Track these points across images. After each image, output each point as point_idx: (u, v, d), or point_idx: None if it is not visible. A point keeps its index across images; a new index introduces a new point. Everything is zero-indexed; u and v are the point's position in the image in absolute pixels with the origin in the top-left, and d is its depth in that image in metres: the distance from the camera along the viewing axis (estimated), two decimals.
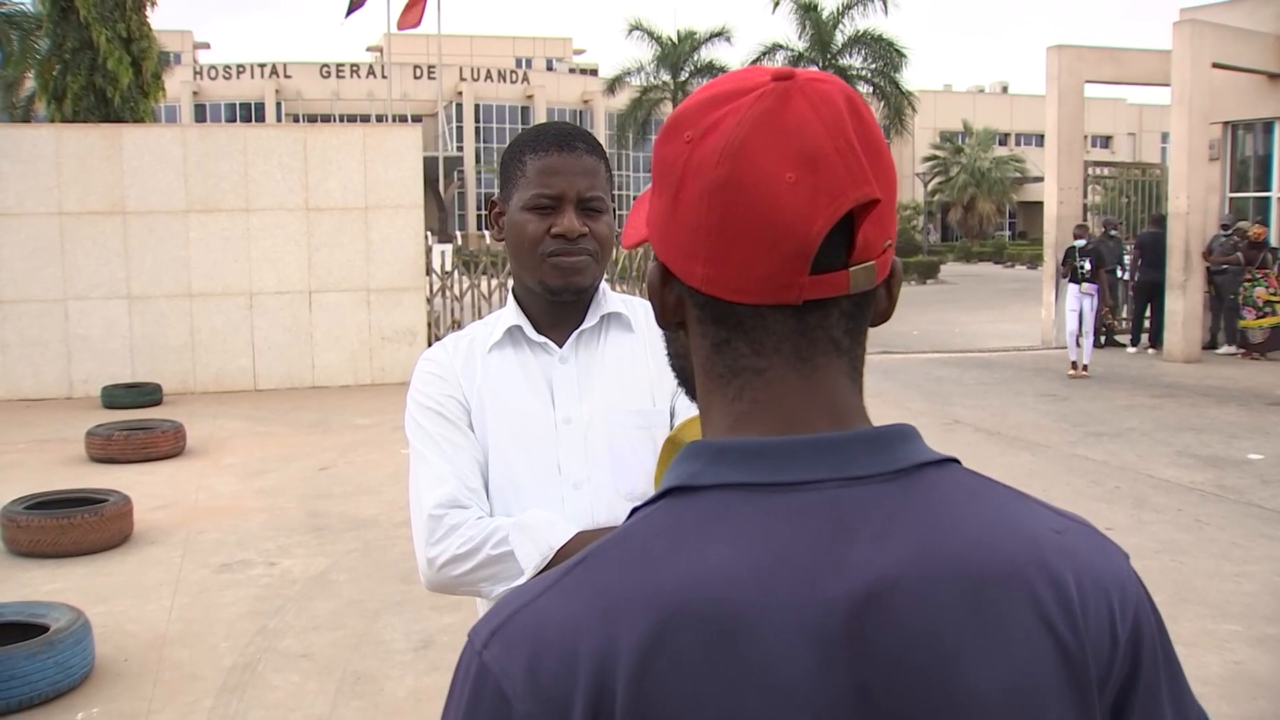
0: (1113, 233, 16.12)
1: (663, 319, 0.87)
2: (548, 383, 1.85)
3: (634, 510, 0.81)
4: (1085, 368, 13.12)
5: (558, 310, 1.86)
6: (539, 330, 1.87)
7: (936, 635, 0.74)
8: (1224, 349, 14.98)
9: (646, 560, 0.76)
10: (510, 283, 2.03)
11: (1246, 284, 14.47)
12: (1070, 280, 13.45)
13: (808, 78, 0.80)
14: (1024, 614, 0.76)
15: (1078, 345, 13.18)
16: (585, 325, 1.87)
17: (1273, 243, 15.48)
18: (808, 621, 0.73)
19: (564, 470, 1.81)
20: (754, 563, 0.74)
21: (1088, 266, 13.13)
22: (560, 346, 1.87)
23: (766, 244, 0.76)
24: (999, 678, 0.75)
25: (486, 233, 43.68)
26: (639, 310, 1.93)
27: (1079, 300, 13.21)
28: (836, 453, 0.79)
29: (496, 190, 1.91)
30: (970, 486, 0.82)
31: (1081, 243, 13.38)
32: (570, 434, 1.82)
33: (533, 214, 1.78)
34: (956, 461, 0.83)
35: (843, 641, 0.73)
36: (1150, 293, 15.52)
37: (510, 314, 1.88)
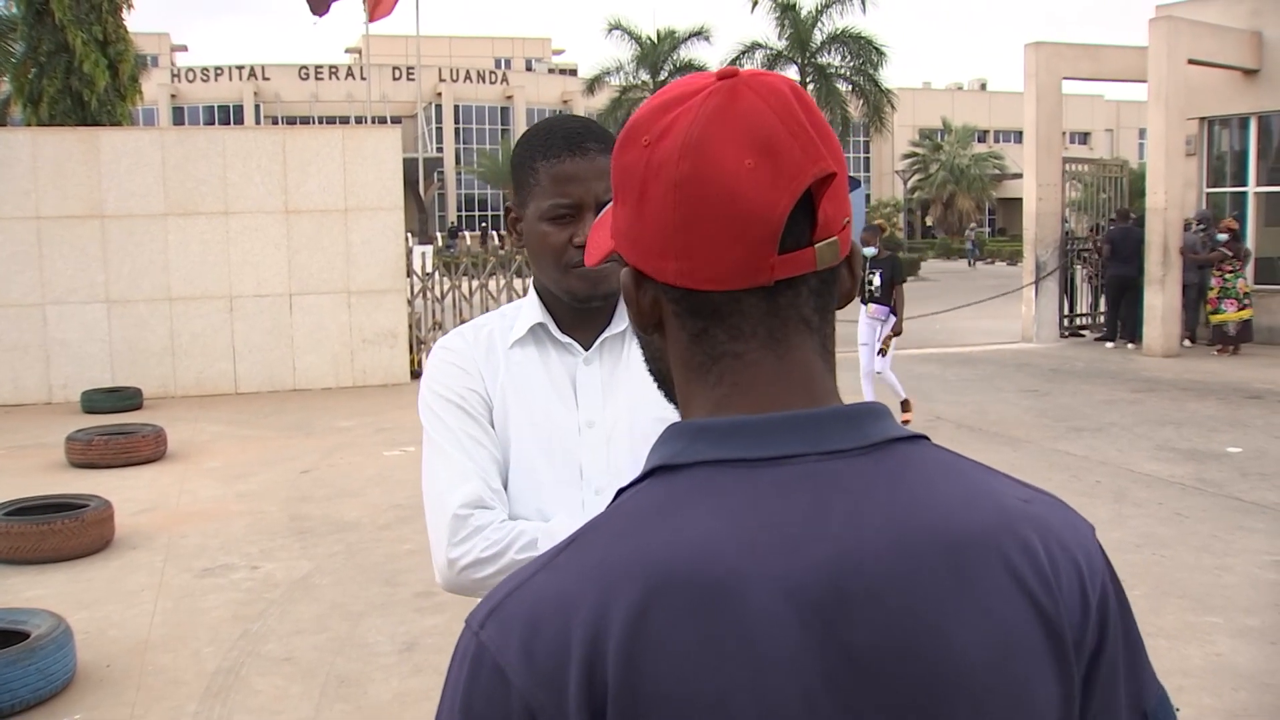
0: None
1: (640, 323, 0.89)
2: (571, 384, 1.80)
3: (620, 490, 0.84)
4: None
5: (584, 312, 1.81)
6: (563, 329, 1.81)
7: (917, 598, 0.77)
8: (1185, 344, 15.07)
9: (634, 534, 0.78)
10: (494, 282, 1.93)
11: (1229, 275, 14.54)
12: (860, 300, 9.75)
13: (751, 73, 0.84)
14: (999, 576, 0.79)
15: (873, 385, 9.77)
16: (612, 331, 1.82)
17: (1249, 236, 15.62)
18: (792, 588, 0.75)
19: (586, 475, 1.76)
20: (738, 533, 0.77)
21: (876, 282, 9.65)
22: (585, 349, 1.81)
23: (734, 230, 0.79)
24: (979, 638, 0.77)
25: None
26: None
27: (870, 329, 9.70)
28: (812, 429, 0.82)
29: (511, 194, 1.84)
30: (941, 460, 0.85)
31: (871, 251, 9.68)
32: (593, 438, 1.77)
33: (552, 224, 1.72)
34: (926, 438, 0.86)
35: (827, 607, 0.75)
36: (1121, 287, 15.65)
37: (534, 310, 1.82)
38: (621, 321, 1.83)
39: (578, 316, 1.81)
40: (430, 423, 1.78)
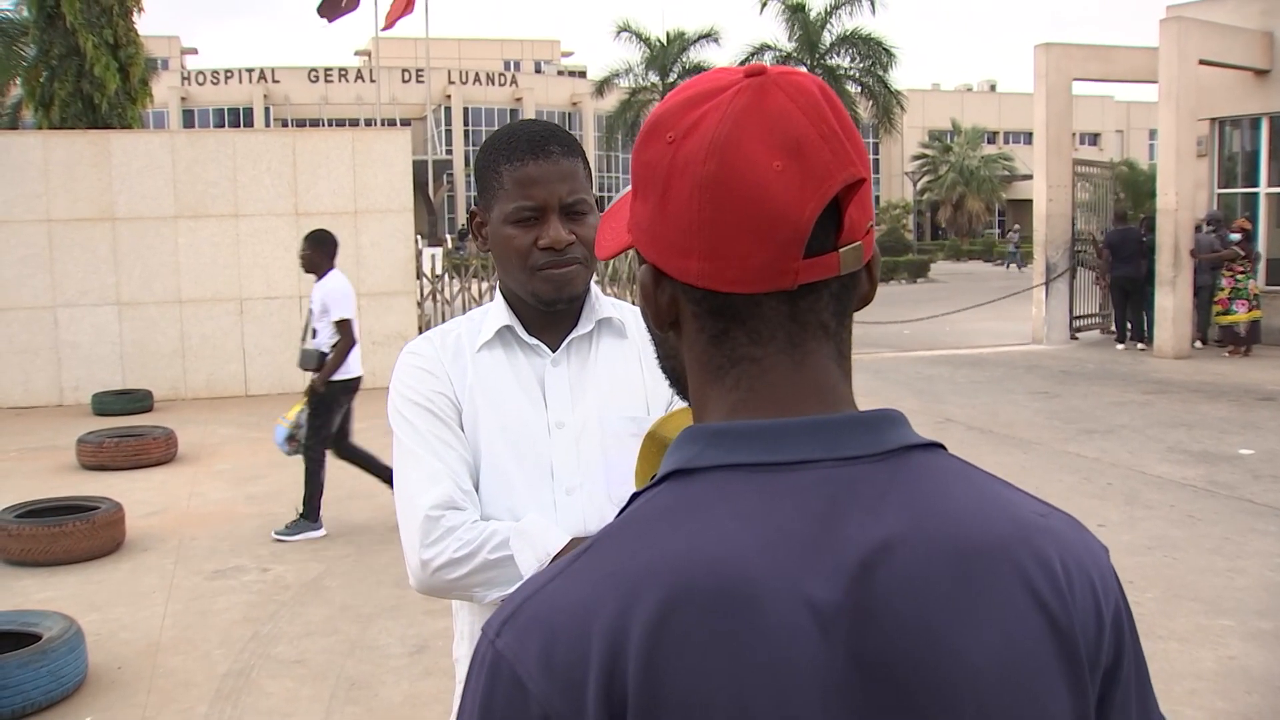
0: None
1: (657, 321, 0.88)
2: (540, 385, 1.81)
3: (635, 495, 0.83)
4: None
5: (550, 315, 1.83)
6: (530, 332, 1.83)
7: (928, 606, 0.76)
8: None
9: (651, 540, 0.77)
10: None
11: (1241, 276, 14.48)
12: None
13: (779, 71, 0.82)
14: (1013, 587, 0.78)
15: None
16: (579, 331, 1.84)
17: (1260, 238, 15.56)
18: (808, 595, 0.75)
19: (557, 475, 1.78)
20: (755, 538, 0.76)
21: None
22: (553, 350, 1.83)
23: (760, 233, 0.78)
24: (989, 647, 0.77)
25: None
26: (629, 317, 1.90)
27: None
28: (828, 434, 0.81)
29: (475, 197, 1.87)
30: (956, 469, 0.84)
31: None
32: (563, 438, 1.79)
33: (516, 227, 1.74)
34: (942, 447, 0.85)
35: (843, 614, 0.75)
36: (1125, 289, 15.63)
37: (501, 314, 1.83)
38: (588, 323, 1.85)
39: (544, 318, 1.83)
40: (399, 427, 1.79)
